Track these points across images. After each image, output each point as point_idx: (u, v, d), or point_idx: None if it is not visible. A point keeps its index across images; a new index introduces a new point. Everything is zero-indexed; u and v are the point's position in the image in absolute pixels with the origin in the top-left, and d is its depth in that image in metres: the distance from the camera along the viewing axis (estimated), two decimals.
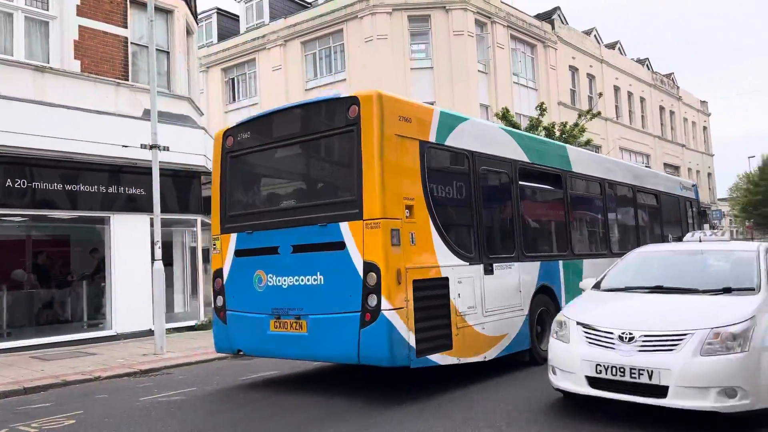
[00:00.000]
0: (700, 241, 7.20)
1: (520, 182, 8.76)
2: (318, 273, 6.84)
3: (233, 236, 7.76)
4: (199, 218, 14.91)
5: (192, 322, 14.51)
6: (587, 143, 20.56)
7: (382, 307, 6.31)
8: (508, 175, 8.56)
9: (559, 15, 30.55)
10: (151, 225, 11.56)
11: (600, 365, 5.31)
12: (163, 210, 11.75)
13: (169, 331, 12.28)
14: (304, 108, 7.78)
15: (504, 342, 7.82)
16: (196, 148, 14.16)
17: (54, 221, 12.81)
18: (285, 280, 7.10)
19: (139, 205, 13.07)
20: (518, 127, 19.36)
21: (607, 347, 5.35)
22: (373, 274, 6.37)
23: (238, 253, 7.68)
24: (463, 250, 7.42)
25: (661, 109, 39.99)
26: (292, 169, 8.07)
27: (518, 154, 8.82)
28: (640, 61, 39.14)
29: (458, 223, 7.72)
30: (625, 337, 5.28)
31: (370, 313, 6.35)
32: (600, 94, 27.25)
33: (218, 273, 7.88)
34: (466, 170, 7.77)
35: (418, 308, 6.54)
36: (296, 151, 7.70)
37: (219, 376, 8.86)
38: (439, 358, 6.77)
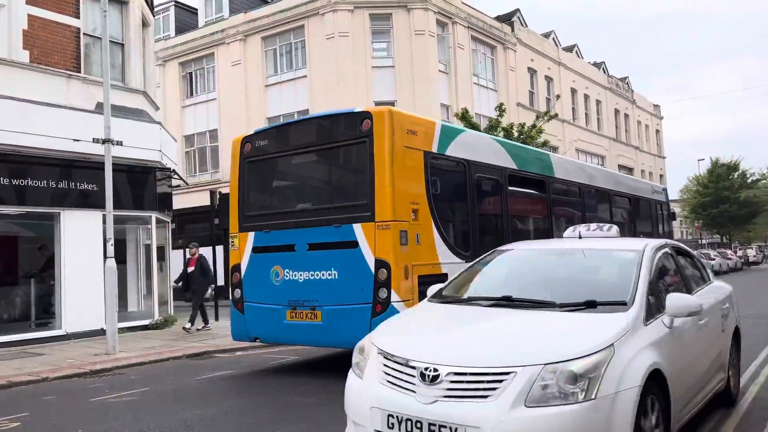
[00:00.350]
0: (580, 237, 5.62)
1: (509, 187, 9.62)
2: (332, 268, 7.63)
3: (251, 234, 8.47)
4: (153, 215, 14.60)
5: (146, 321, 14.19)
6: (544, 144, 20.94)
7: (392, 299, 7.15)
8: (499, 181, 9.44)
9: (518, 17, 31.01)
10: (104, 222, 11.25)
11: (393, 416, 3.59)
12: (117, 206, 11.44)
13: (122, 330, 11.97)
14: (320, 120, 8.64)
15: None
16: (151, 143, 13.85)
17: (1, 217, 12.34)
18: (301, 275, 7.87)
19: (91, 201, 12.70)
20: (477, 128, 19.59)
21: (406, 389, 3.64)
22: (384, 270, 7.21)
23: (256, 249, 8.40)
24: (460, 249, 8.27)
25: (616, 111, 41.03)
26: (308, 175, 8.83)
27: (508, 162, 9.69)
28: (597, 65, 40.07)
29: (456, 225, 8.63)
30: (428, 375, 3.57)
31: (381, 305, 7.17)
32: (557, 96, 27.80)
33: (236, 268, 8.55)
34: (462, 177, 8.62)
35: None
36: (312, 158, 8.50)
37: (173, 376, 8.68)
38: None
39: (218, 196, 16.45)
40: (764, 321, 12.48)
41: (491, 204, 9.53)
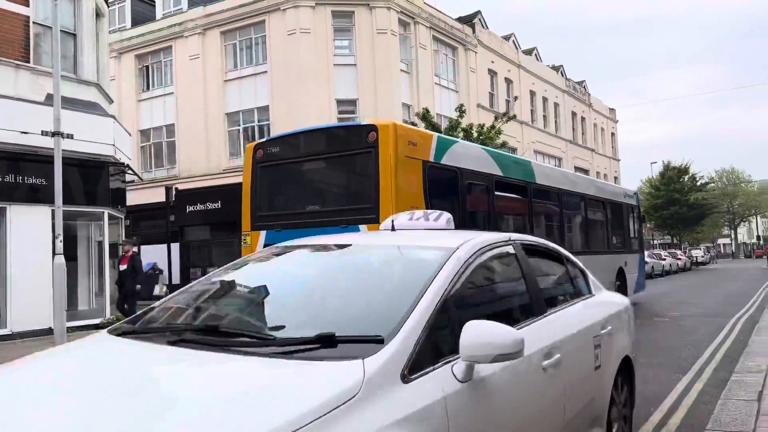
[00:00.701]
0: (393, 228, 3.88)
1: (496, 192, 10.40)
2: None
3: (263, 233, 9.09)
4: (106, 211, 14.20)
5: (97, 320, 13.76)
6: (503, 145, 21.22)
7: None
8: (487, 187, 10.21)
9: (480, 19, 31.35)
10: (53, 217, 10.88)
11: None
12: (67, 201, 11.08)
13: (71, 330, 11.59)
14: (329, 131, 9.54)
15: None
16: (104, 137, 13.47)
17: None
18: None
19: (40, 196, 12.27)
20: (438, 128, 19.71)
21: None
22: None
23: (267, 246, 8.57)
24: None
25: (573, 114, 41.90)
26: (316, 180, 9.43)
27: (495, 169, 10.51)
28: (555, 68, 40.84)
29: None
30: None
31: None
32: (516, 98, 28.23)
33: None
34: (456, 183, 9.33)
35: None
36: (320, 165, 9.20)
37: None
38: None
39: (174, 193, 16.14)
40: (709, 320, 12.93)
41: (480, 207, 10.30)
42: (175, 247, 24.50)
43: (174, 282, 24.71)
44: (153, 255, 25.69)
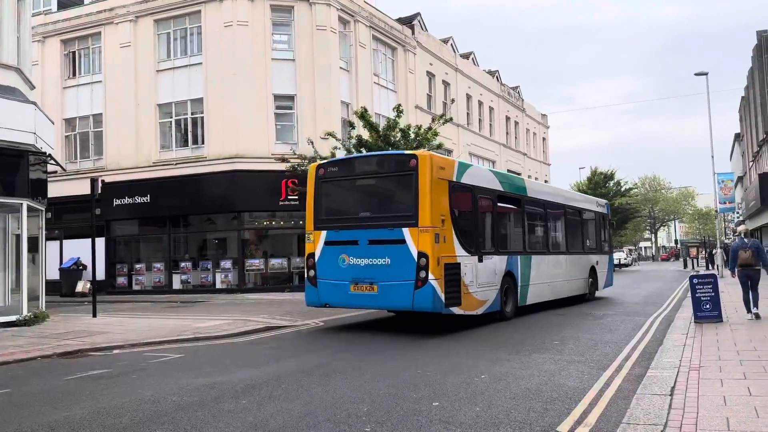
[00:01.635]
0: None
1: (498, 203, 13.31)
2: (386, 257, 11.02)
3: (324, 232, 11.79)
4: (25, 203, 13.45)
5: (13, 318, 13.04)
6: (439, 147, 21.49)
7: (429, 278, 10.58)
8: (492, 200, 13.08)
9: (419, 21, 31.64)
10: None
11: None
12: None
13: None
14: (378, 157, 13.14)
15: (487, 304, 12.28)
16: (24, 125, 12.75)
17: None
18: (362, 261, 11.24)
19: None
20: (376, 128, 19.76)
21: None
22: (424, 259, 10.63)
23: (327, 243, 11.71)
24: (467, 246, 11.74)
25: (507, 119, 42.98)
26: (367, 193, 12.33)
27: (497, 185, 13.45)
28: (491, 73, 41.74)
29: (465, 230, 11.93)
30: None
31: (421, 281, 10.60)
32: (452, 101, 28.65)
33: (311, 255, 11.93)
34: (470, 197, 12.27)
35: (446, 280, 10.86)
36: (371, 182, 12.21)
37: (41, 376, 8.04)
38: (455, 310, 11.19)
39: (100, 185, 15.46)
40: (630, 318, 13.56)
41: (487, 215, 13.06)
42: (101, 241, 23.50)
43: (98, 278, 23.71)
44: (76, 250, 24.58)
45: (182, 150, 24.33)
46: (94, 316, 14.67)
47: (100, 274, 23.55)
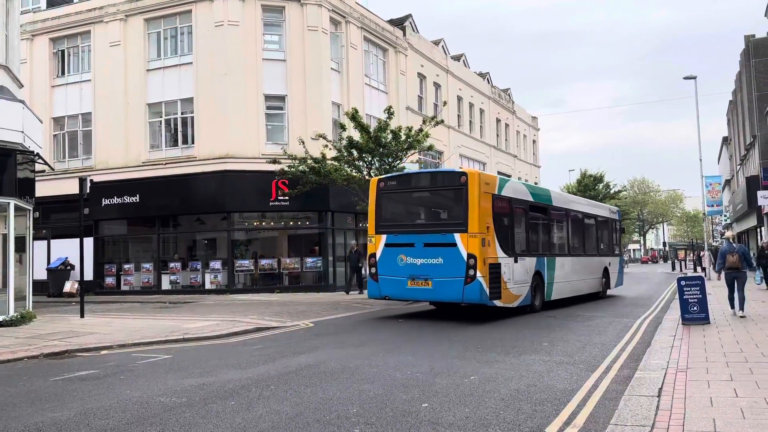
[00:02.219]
0: None
1: (529, 212, 15.37)
2: (439, 257, 13.00)
3: (384, 236, 13.81)
4: (12, 202, 13.33)
5: None
6: (429, 148, 21.54)
7: (477, 276, 12.61)
8: (524, 209, 15.15)
9: (410, 22, 31.67)
10: None
11: None
12: None
13: None
14: (433, 174, 15.68)
15: (521, 299, 14.21)
16: (12, 123, 12.64)
17: None
18: (418, 261, 13.26)
19: None
20: (367, 129, 19.77)
21: None
22: (472, 260, 12.64)
23: (388, 245, 13.74)
24: (506, 249, 13.73)
25: (498, 121, 43.11)
26: (423, 203, 14.70)
27: (529, 197, 15.56)
28: (482, 75, 41.86)
29: (504, 235, 13.85)
30: None
31: (470, 278, 12.62)
32: (444, 103, 28.66)
33: (373, 255, 13.98)
34: (508, 208, 14.33)
35: (490, 278, 12.89)
36: (426, 194, 14.56)
37: (28, 377, 7.97)
38: (496, 302, 13.17)
39: (89, 184, 15.36)
40: (618, 320, 13.64)
41: (521, 222, 15.03)
42: (89, 241, 23.33)
43: (86, 278, 23.54)
44: (64, 250, 24.39)
45: (172, 150, 24.21)
46: (82, 316, 14.56)
47: (88, 275, 23.38)
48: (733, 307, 12.63)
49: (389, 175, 15.63)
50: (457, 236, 12.84)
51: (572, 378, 7.37)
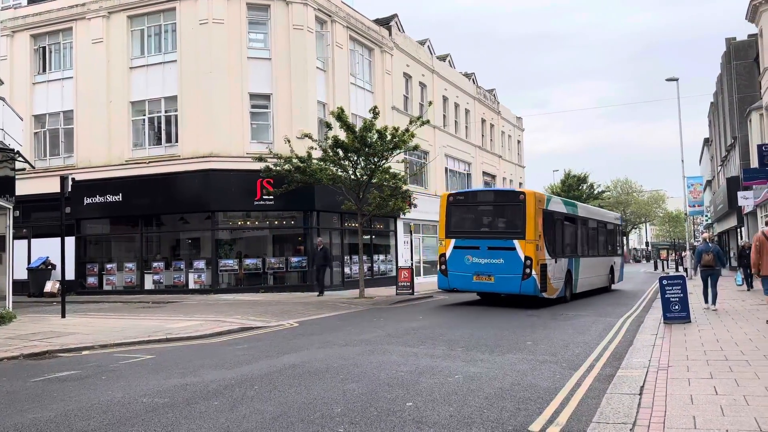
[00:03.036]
0: None
1: (564, 222, 18.74)
2: (500, 258, 16.06)
3: (452, 240, 16.94)
4: None
5: None
6: (415, 148, 21.59)
7: (532, 274, 15.66)
8: (561, 220, 18.49)
9: (396, 22, 31.68)
10: None
11: None
12: None
13: None
14: (496, 191, 21.76)
15: (558, 292, 17.35)
16: None
17: None
18: (482, 260, 16.32)
19: None
20: (353, 128, 19.73)
21: None
22: (529, 260, 15.67)
23: (456, 247, 16.82)
24: (550, 252, 16.83)
25: (483, 121, 43.27)
26: (487, 215, 17.79)
27: (564, 209, 18.97)
28: (467, 75, 42.00)
29: (549, 241, 16.90)
30: None
31: (526, 275, 15.62)
32: (430, 103, 28.71)
33: (443, 255, 17.12)
34: (551, 219, 17.42)
35: (540, 275, 15.93)
36: (490, 208, 17.83)
37: (7, 377, 7.87)
38: (544, 294, 16.24)
39: (70, 183, 15.18)
40: (601, 319, 13.76)
41: (559, 231, 18.26)
42: (70, 241, 23.05)
43: (68, 278, 23.26)
44: (45, 249, 24.07)
45: (155, 148, 23.99)
46: (63, 316, 14.38)
47: (70, 274, 23.10)
48: (707, 301, 13.78)
49: (458, 191, 20.96)
50: (516, 242, 16.06)
51: (555, 376, 7.42)
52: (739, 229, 35.94)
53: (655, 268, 51.57)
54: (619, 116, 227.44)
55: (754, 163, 23.72)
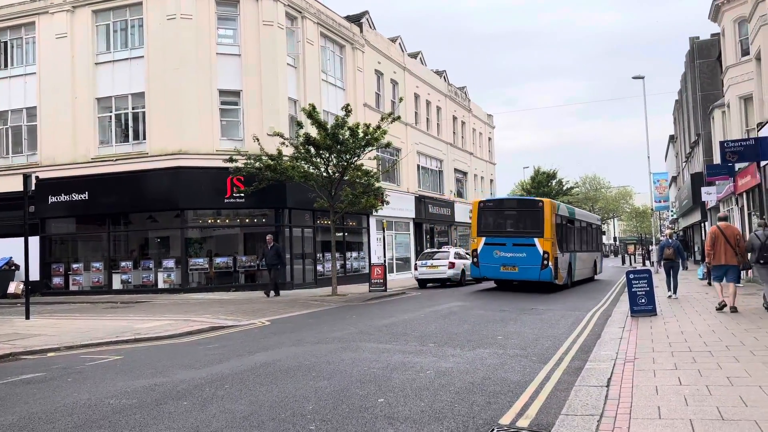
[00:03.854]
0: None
1: (566, 224, 22.30)
2: (523, 252, 19.84)
3: (483, 238, 20.58)
4: None
5: None
6: (387, 146, 21.59)
7: (548, 265, 19.67)
8: (565, 222, 22.09)
9: (367, 19, 31.63)
10: None
11: None
12: None
13: None
14: (520, 199, 24.37)
15: (564, 280, 21.03)
16: None
17: None
18: (508, 254, 20.05)
19: None
20: (324, 125, 19.65)
21: None
22: (546, 254, 19.70)
23: (486, 244, 20.45)
24: (560, 247, 20.68)
25: (454, 118, 43.52)
26: (511, 218, 21.17)
27: (566, 213, 22.70)
28: (438, 73, 42.17)
29: (559, 239, 20.69)
30: None
31: (544, 266, 19.64)
32: (401, 99, 28.76)
33: (475, 251, 20.80)
34: (560, 221, 21.21)
35: (554, 266, 19.89)
36: (514, 212, 21.48)
37: None
38: (556, 281, 20.21)
39: (34, 181, 14.81)
40: (570, 313, 13.98)
41: (564, 231, 21.84)
42: (34, 240, 22.53)
43: (32, 279, 22.71)
44: (8, 249, 23.44)
45: (123, 146, 23.55)
46: (27, 318, 14.05)
47: (34, 275, 22.56)
48: (669, 290, 15.20)
49: (488, 198, 26.81)
50: (536, 240, 19.94)
51: (525, 370, 7.51)
52: (703, 224, 36.82)
53: (623, 262, 52.54)
54: (588, 114, 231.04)
55: (717, 159, 24.33)
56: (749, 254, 11.37)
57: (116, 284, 23.16)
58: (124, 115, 23.70)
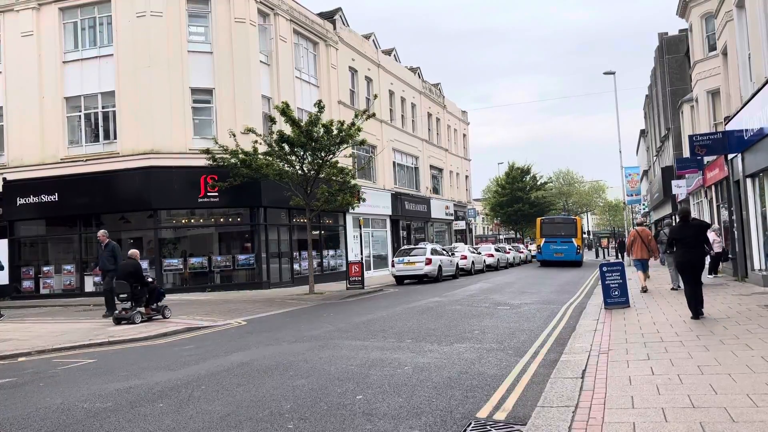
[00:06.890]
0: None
1: (583, 232, 42.41)
2: (566, 246, 36.68)
3: (543, 239, 37.03)
4: None
5: None
6: (362, 143, 21.56)
7: (580, 253, 37.39)
8: (580, 228, 39.64)
9: (340, 16, 31.53)
10: None
11: None
12: None
13: None
14: (565, 217, 44.43)
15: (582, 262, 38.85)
16: None
17: None
18: (558, 247, 36.68)
19: None
20: (299, 123, 19.55)
21: None
22: (578, 248, 37.08)
23: (545, 242, 37.14)
24: (581, 243, 38.96)
25: (429, 115, 43.67)
26: (559, 228, 37.78)
27: (577, 222, 39.97)
28: (413, 70, 42.24)
29: (581, 238, 39.09)
30: None
31: (577, 253, 36.77)
32: (375, 96, 28.74)
33: (539, 246, 37.85)
34: (581, 228, 39.99)
35: (581, 254, 38.24)
36: (561, 224, 38.71)
37: None
38: (581, 263, 37.62)
39: (1, 183, 14.47)
40: (545, 306, 14.15)
41: (580, 233, 38.45)
42: (3, 243, 22.08)
43: (1, 283, 22.22)
44: None
45: (93, 146, 23.12)
46: None
47: (3, 279, 22.06)
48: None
49: (547, 217, 43.42)
50: (573, 239, 35.50)
51: (502, 364, 7.58)
52: (673, 217, 37.55)
53: (597, 255, 53.33)
54: (560, 109, 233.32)
55: (687, 153, 24.80)
56: (662, 246, 16.36)
57: (89, 287, 22.75)
58: (93, 114, 23.27)
